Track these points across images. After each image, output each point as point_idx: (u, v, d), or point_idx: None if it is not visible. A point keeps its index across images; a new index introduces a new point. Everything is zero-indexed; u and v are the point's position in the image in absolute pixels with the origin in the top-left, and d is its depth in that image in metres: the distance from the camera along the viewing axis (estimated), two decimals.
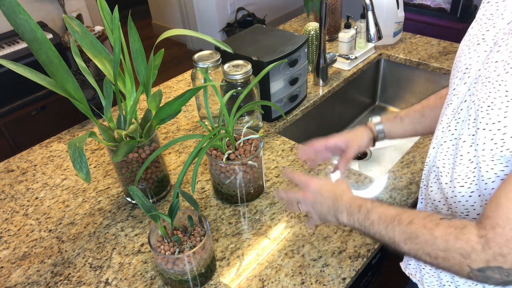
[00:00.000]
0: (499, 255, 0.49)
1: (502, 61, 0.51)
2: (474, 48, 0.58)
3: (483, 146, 0.54)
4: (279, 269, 0.82)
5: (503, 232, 0.49)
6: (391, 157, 1.42)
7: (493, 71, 0.53)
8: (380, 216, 0.63)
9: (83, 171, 0.69)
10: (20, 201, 1.05)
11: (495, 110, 0.52)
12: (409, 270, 0.81)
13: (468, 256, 0.52)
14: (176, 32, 0.87)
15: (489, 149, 0.54)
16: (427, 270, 0.75)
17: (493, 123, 0.52)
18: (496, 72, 0.52)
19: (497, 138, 0.52)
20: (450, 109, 0.62)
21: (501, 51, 0.52)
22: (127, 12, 1.00)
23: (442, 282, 0.72)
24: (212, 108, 1.23)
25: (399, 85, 1.67)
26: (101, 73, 1.30)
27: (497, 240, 0.49)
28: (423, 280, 0.77)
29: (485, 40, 0.57)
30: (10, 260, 0.89)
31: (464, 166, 0.59)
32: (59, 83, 0.80)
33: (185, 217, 0.80)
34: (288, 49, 1.17)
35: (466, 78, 0.59)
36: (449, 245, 0.54)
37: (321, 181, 0.75)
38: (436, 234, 0.55)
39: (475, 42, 0.59)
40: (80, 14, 2.78)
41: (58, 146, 1.24)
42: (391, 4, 1.55)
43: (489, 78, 0.53)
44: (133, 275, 0.83)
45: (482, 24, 0.59)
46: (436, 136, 0.65)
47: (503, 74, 0.51)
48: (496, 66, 0.52)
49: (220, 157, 0.91)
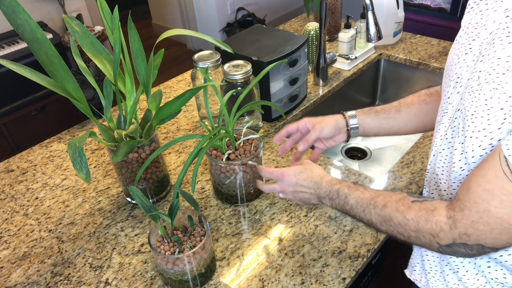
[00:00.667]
0: (464, 234, 0.55)
1: (484, 71, 0.53)
2: (463, 58, 0.60)
3: (472, 153, 0.56)
4: (279, 269, 0.82)
5: (469, 214, 0.53)
6: (391, 157, 1.42)
7: (475, 81, 0.54)
8: (357, 200, 0.68)
9: (83, 171, 0.69)
10: (20, 201, 1.05)
11: (479, 118, 0.54)
12: (414, 276, 0.80)
13: (436, 235, 0.58)
14: (176, 32, 0.87)
15: (479, 155, 0.55)
16: (432, 274, 0.75)
17: (478, 131, 0.54)
18: (477, 81, 0.54)
19: (484, 144, 0.54)
20: (446, 118, 0.63)
21: (484, 61, 0.54)
22: (127, 12, 1.00)
23: (448, 285, 0.71)
24: (212, 108, 1.23)
25: (399, 85, 1.67)
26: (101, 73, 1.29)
27: (463, 221, 0.54)
28: (429, 284, 0.76)
29: (472, 50, 0.58)
30: (10, 260, 0.89)
31: (457, 174, 0.61)
32: (59, 83, 0.80)
33: (185, 217, 0.80)
34: (288, 49, 1.17)
35: (459, 87, 0.60)
36: (419, 227, 0.59)
37: (295, 171, 0.78)
38: (408, 216, 0.61)
39: (463, 51, 0.60)
40: (80, 14, 2.78)
41: (58, 146, 1.24)
42: (391, 4, 1.55)
43: (473, 87, 0.55)
44: (133, 275, 0.83)
45: (469, 33, 0.60)
46: (435, 144, 0.67)
47: (483, 83, 0.52)
48: (479, 75, 0.54)
49: (220, 157, 0.91)
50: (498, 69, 0.50)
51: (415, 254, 0.80)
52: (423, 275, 0.78)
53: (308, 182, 0.76)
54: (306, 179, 0.77)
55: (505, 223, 0.51)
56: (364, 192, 0.69)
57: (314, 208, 0.95)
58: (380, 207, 0.65)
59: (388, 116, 0.86)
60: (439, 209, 0.58)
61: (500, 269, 0.63)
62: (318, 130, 0.88)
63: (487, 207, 0.51)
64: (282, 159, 1.11)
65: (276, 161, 1.10)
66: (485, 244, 0.54)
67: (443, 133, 0.64)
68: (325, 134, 0.88)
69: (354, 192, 0.70)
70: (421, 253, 0.77)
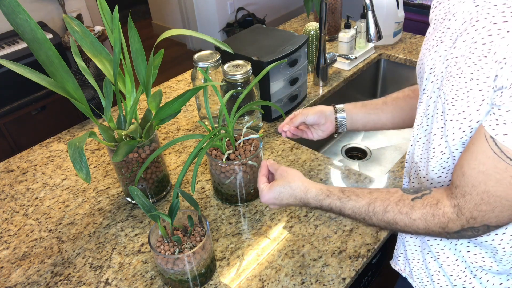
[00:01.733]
0: (471, 218, 0.56)
1: (463, 56, 0.55)
2: (435, 50, 0.62)
3: (452, 136, 0.58)
4: (279, 269, 0.82)
5: (471, 198, 0.55)
6: (391, 157, 1.42)
7: (453, 66, 0.57)
8: (354, 210, 0.67)
9: (83, 171, 0.69)
10: (20, 201, 1.05)
11: (459, 101, 0.56)
12: (399, 266, 0.83)
13: (446, 226, 0.59)
14: (176, 32, 0.87)
15: (459, 137, 0.58)
16: (415, 263, 0.77)
17: (458, 113, 0.56)
18: (456, 66, 0.56)
19: (464, 126, 0.56)
20: (422, 107, 0.66)
21: (458, 47, 0.56)
22: (127, 12, 1.00)
23: (430, 272, 0.74)
24: (212, 108, 1.23)
25: (399, 85, 1.67)
26: (101, 73, 1.29)
27: (467, 206, 0.56)
28: (412, 273, 0.79)
29: (443, 41, 0.61)
30: (10, 260, 0.89)
31: (438, 158, 0.63)
32: (59, 83, 0.80)
33: (185, 217, 0.80)
34: (288, 49, 1.17)
35: (432, 77, 0.63)
36: (428, 224, 0.60)
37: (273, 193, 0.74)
38: (414, 217, 0.61)
39: (434, 44, 0.63)
40: (80, 14, 2.78)
41: (58, 146, 1.24)
42: (391, 4, 1.55)
43: (451, 72, 0.57)
44: (133, 275, 0.83)
45: (436, 28, 0.63)
46: (413, 133, 0.69)
47: (463, 67, 0.55)
48: (456, 61, 0.56)
49: (220, 157, 0.91)
50: (477, 53, 0.53)
51: (398, 244, 0.82)
52: (407, 264, 0.80)
53: (292, 200, 0.73)
54: (289, 198, 0.73)
55: (504, 200, 0.53)
56: (358, 200, 0.67)
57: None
58: (381, 213, 0.64)
59: (375, 107, 0.88)
60: (442, 201, 0.59)
61: (479, 253, 0.65)
62: (304, 113, 0.89)
63: (486, 188, 0.53)
64: (282, 159, 1.11)
65: (276, 161, 1.10)
66: (490, 224, 0.56)
67: (419, 122, 0.67)
68: (309, 119, 0.89)
69: (347, 203, 0.68)
70: (404, 243, 0.79)
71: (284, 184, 0.73)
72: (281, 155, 1.12)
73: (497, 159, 0.51)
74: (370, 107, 0.89)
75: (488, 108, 0.52)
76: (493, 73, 0.50)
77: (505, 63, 0.48)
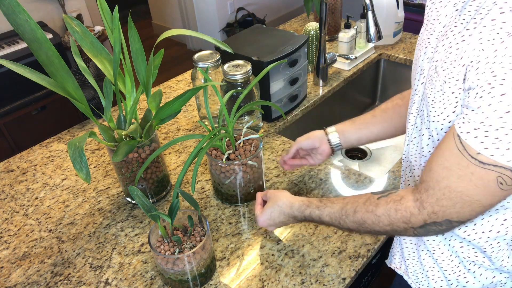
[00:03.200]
0: (432, 213, 0.58)
1: (440, 61, 0.57)
2: (424, 51, 0.64)
3: (437, 136, 0.61)
4: (279, 269, 0.82)
5: (433, 193, 0.57)
6: (391, 157, 1.42)
7: (433, 70, 0.59)
8: (330, 216, 0.72)
9: (83, 171, 0.69)
10: (20, 201, 1.05)
11: (437, 103, 0.58)
12: (394, 264, 0.84)
13: (409, 221, 0.61)
14: (176, 32, 0.87)
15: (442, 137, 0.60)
16: (411, 260, 0.78)
17: (438, 115, 0.59)
18: (436, 70, 0.58)
19: (445, 126, 0.59)
20: (414, 108, 0.68)
21: (439, 52, 0.58)
22: (127, 12, 1.00)
23: (425, 268, 0.75)
24: (212, 108, 1.23)
25: (399, 85, 1.67)
26: (101, 73, 1.29)
27: (429, 201, 0.58)
28: (408, 270, 0.80)
29: (430, 43, 0.62)
30: (10, 260, 0.89)
31: (427, 158, 0.65)
32: (59, 83, 0.80)
33: (185, 217, 0.80)
34: (288, 49, 1.17)
35: (422, 78, 0.64)
36: (391, 219, 0.63)
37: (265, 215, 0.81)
38: (378, 213, 0.64)
39: (423, 45, 0.64)
40: (80, 14, 2.78)
41: (58, 146, 1.24)
42: (391, 4, 1.55)
43: (431, 75, 0.59)
44: (133, 275, 0.83)
45: (427, 29, 0.64)
46: (407, 133, 0.71)
47: (439, 71, 0.57)
48: (436, 65, 0.58)
49: (220, 157, 0.91)
50: (451, 57, 0.54)
51: (395, 243, 0.84)
52: (402, 262, 0.81)
53: (283, 217, 0.80)
54: (279, 216, 0.80)
55: (464, 196, 0.54)
56: (333, 206, 0.72)
57: None
58: (352, 214, 0.68)
59: (365, 122, 0.91)
60: (405, 196, 0.62)
61: (472, 248, 0.67)
62: (298, 141, 0.95)
63: (448, 183, 0.55)
64: None
65: (276, 161, 1.10)
66: (451, 219, 0.57)
67: (413, 122, 0.69)
68: (304, 144, 0.94)
69: (324, 210, 0.73)
70: (400, 241, 0.80)
71: (273, 205, 0.81)
72: (281, 155, 1.12)
73: (460, 156, 0.53)
74: (359, 122, 0.92)
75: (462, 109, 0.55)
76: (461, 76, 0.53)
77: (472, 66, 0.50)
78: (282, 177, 1.05)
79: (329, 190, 1.00)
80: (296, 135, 1.34)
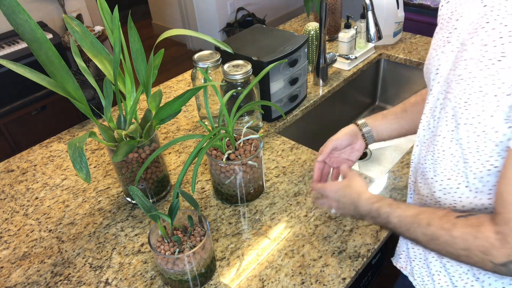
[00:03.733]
0: None
1: (472, 59, 0.54)
2: (441, 50, 0.62)
3: (467, 139, 0.57)
4: (279, 269, 0.82)
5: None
6: (391, 157, 1.42)
7: (463, 69, 0.56)
8: (400, 219, 0.65)
9: (83, 171, 0.69)
10: (20, 201, 1.05)
11: (472, 106, 0.55)
12: (400, 263, 0.83)
13: (488, 253, 0.55)
14: (176, 32, 0.87)
15: (473, 141, 0.57)
16: (417, 262, 0.77)
17: (472, 117, 0.55)
18: (467, 69, 0.55)
19: (479, 130, 0.55)
20: (428, 108, 0.66)
21: (468, 50, 0.55)
22: (127, 12, 1.00)
23: (431, 271, 0.74)
24: (212, 108, 1.23)
25: (399, 85, 1.67)
26: (101, 73, 1.29)
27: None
28: (413, 271, 0.79)
29: (450, 41, 0.60)
30: (10, 260, 0.89)
31: (448, 161, 0.63)
32: (59, 83, 0.80)
33: (185, 217, 0.80)
34: (288, 49, 1.17)
35: (438, 78, 0.62)
36: (469, 244, 0.57)
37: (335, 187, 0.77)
38: (454, 234, 0.58)
39: (440, 44, 0.62)
40: (80, 14, 2.78)
41: (58, 146, 1.24)
42: (391, 4, 1.55)
43: (461, 75, 0.56)
44: (133, 275, 0.83)
45: (443, 28, 0.62)
46: (418, 134, 0.69)
47: (475, 71, 0.54)
48: (466, 64, 0.55)
49: (220, 157, 0.91)
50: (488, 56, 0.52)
51: (401, 242, 0.83)
52: (408, 262, 0.80)
53: (346, 199, 0.75)
54: (344, 196, 0.75)
55: None
56: (407, 209, 0.66)
57: (314, 208, 0.95)
58: (424, 226, 0.62)
59: (396, 117, 0.87)
60: (485, 225, 0.56)
61: None
62: (334, 140, 0.86)
63: None
64: (282, 159, 1.11)
65: (276, 161, 1.10)
66: None
67: (425, 123, 0.67)
68: (342, 142, 0.86)
69: (395, 210, 0.66)
70: (406, 242, 0.79)
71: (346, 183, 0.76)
72: (281, 155, 1.12)
73: None
74: (390, 117, 0.87)
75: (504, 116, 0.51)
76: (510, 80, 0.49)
77: None
78: (282, 177, 1.05)
79: None
80: (296, 135, 1.35)
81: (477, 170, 0.59)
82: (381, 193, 0.98)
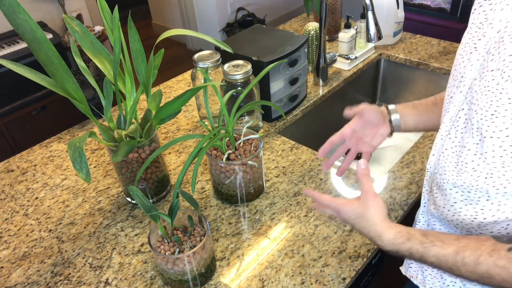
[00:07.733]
0: None
1: (498, 70, 0.52)
2: (468, 57, 0.59)
3: (492, 153, 0.55)
4: (279, 269, 0.82)
5: None
6: (391, 157, 1.42)
7: (491, 80, 0.53)
8: (439, 258, 0.60)
9: (83, 171, 0.69)
10: (20, 201, 1.05)
11: (500, 118, 0.52)
12: (410, 272, 0.80)
13: None
14: (176, 32, 0.87)
15: (499, 155, 0.54)
16: (429, 271, 0.75)
17: (500, 131, 0.53)
18: (495, 81, 0.53)
19: (506, 144, 0.53)
20: (448, 117, 0.63)
21: (494, 60, 0.53)
22: (127, 12, 1.00)
23: (445, 283, 0.72)
24: (212, 108, 1.23)
25: (399, 85, 1.67)
26: (101, 73, 1.29)
27: None
28: (426, 281, 0.76)
29: (477, 49, 0.58)
30: (10, 260, 0.89)
31: (468, 174, 0.60)
32: (59, 83, 0.80)
33: (185, 217, 0.80)
34: (288, 49, 1.17)
35: (462, 87, 0.60)
36: None
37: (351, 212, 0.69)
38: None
39: (467, 51, 0.60)
40: (80, 14, 2.78)
41: (58, 146, 1.24)
42: (391, 4, 1.55)
43: (488, 87, 0.54)
44: (133, 275, 0.83)
45: (473, 33, 0.60)
46: (436, 143, 0.66)
47: (502, 82, 0.51)
48: (493, 75, 0.53)
49: (220, 157, 0.91)
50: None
51: None
52: (420, 272, 0.78)
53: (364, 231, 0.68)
54: (361, 228, 0.68)
55: None
56: (444, 246, 0.59)
57: (314, 208, 0.95)
58: (473, 265, 0.56)
59: (426, 109, 0.84)
60: None
61: None
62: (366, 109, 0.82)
63: None
64: (282, 159, 1.11)
65: (276, 161, 1.10)
66: None
67: (444, 132, 0.64)
68: (370, 117, 0.82)
69: (431, 249, 0.60)
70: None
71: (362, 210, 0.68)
72: (281, 155, 1.12)
73: None
74: (421, 108, 0.84)
75: None
76: None
77: None
78: (282, 177, 1.05)
79: (329, 190, 1.00)
80: (296, 135, 1.35)
81: (500, 186, 0.56)
82: (381, 193, 0.98)
